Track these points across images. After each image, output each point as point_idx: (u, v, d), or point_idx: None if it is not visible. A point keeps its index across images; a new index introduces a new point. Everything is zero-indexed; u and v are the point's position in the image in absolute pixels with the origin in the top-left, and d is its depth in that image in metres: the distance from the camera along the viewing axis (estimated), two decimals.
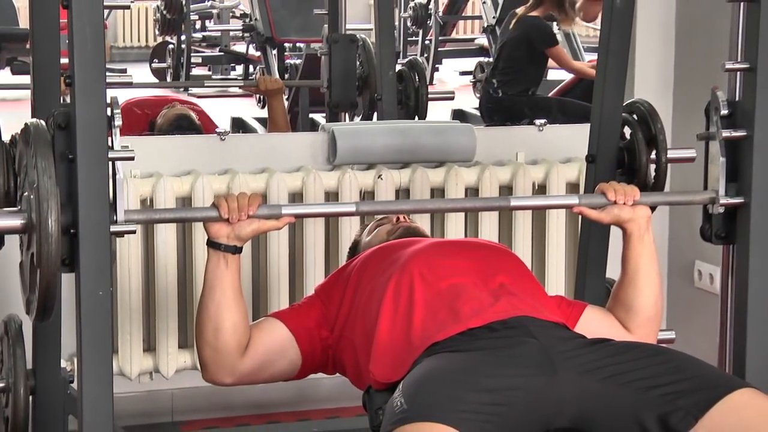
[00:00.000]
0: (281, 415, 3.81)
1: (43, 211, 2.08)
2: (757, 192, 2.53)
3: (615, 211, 2.55)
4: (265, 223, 2.42)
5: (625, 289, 2.60)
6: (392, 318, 2.41)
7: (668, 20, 3.97)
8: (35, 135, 2.15)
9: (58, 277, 2.14)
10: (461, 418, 2.06)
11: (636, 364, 2.24)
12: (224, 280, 2.43)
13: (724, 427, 2.12)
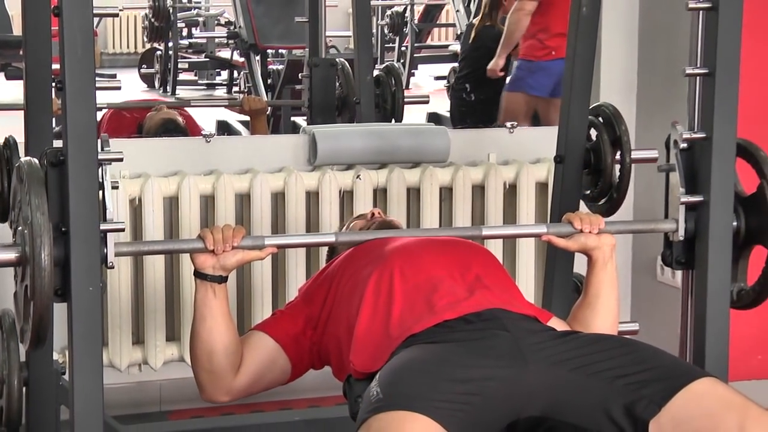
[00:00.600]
0: (264, 404, 3.79)
1: (37, 246, 2.08)
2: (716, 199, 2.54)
3: (581, 240, 2.56)
4: (248, 254, 2.44)
5: (584, 311, 2.61)
6: (372, 311, 2.41)
7: (632, 28, 3.98)
8: (29, 173, 2.15)
9: (51, 309, 2.15)
10: (435, 406, 2.05)
11: (602, 356, 2.24)
12: (214, 308, 2.44)
13: (686, 415, 2.12)
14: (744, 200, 2.57)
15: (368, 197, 3.77)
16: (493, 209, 3.86)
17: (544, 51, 5.58)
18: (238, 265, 2.44)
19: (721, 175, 2.52)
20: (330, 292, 2.55)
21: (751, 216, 2.56)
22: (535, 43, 5.60)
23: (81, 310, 2.17)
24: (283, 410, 3.62)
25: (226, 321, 2.45)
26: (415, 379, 2.13)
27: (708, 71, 2.52)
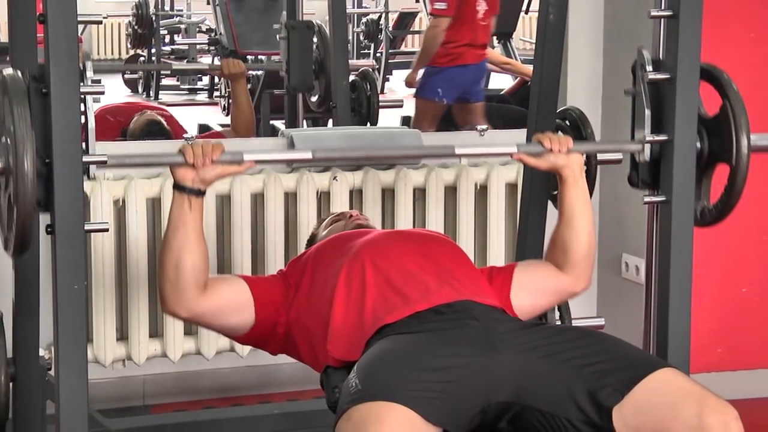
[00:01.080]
0: (245, 398, 3.80)
1: (19, 153, 2.05)
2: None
3: (551, 158, 2.54)
4: (227, 168, 2.39)
5: (562, 232, 2.60)
6: (346, 302, 2.41)
7: (597, 34, 3.99)
8: (11, 84, 2.12)
9: (33, 216, 2.12)
10: (411, 396, 2.06)
11: (569, 345, 2.26)
12: (187, 221, 2.39)
13: (648, 403, 2.14)
14: (707, 122, 2.54)
15: (344, 198, 3.77)
16: (465, 209, 3.87)
17: (448, 58, 5.65)
18: (216, 179, 2.39)
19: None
20: (304, 279, 2.54)
21: (714, 137, 2.53)
22: (440, 50, 5.64)
23: (66, 307, 2.16)
24: (263, 403, 3.62)
25: (197, 237, 2.40)
26: (391, 370, 2.14)
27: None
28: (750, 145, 2.47)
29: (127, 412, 3.62)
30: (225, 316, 2.51)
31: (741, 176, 2.48)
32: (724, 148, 2.51)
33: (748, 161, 2.46)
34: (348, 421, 2.04)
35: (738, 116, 2.47)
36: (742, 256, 3.84)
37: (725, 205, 2.54)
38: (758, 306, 3.87)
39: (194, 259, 2.41)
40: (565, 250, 2.60)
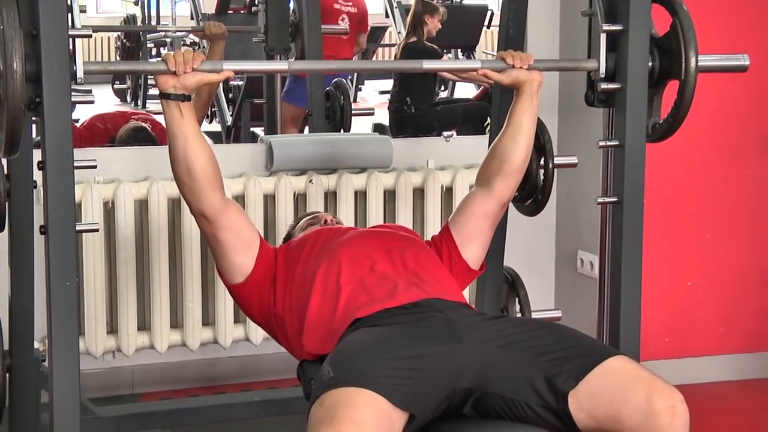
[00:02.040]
0: (227, 387, 3.80)
1: (8, 51, 2.01)
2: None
3: (513, 74, 2.54)
4: (206, 76, 2.35)
5: (505, 141, 2.59)
6: (321, 300, 2.41)
7: (553, 48, 4.01)
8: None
9: (22, 115, 2.08)
10: (380, 382, 2.06)
11: (528, 335, 2.26)
12: (183, 126, 2.36)
13: (601, 388, 2.15)
14: (658, 40, 2.53)
15: (320, 199, 3.77)
16: (432, 210, 3.88)
17: None
18: (197, 85, 2.35)
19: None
20: (288, 266, 2.53)
21: (664, 54, 2.52)
22: None
23: (59, 303, 2.16)
24: (244, 391, 3.62)
25: (197, 139, 2.38)
26: (362, 359, 2.14)
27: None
28: (698, 62, 2.45)
29: (117, 400, 3.61)
30: (235, 241, 2.48)
31: (689, 91, 2.47)
32: (673, 65, 2.50)
33: (696, 79, 2.45)
34: (321, 405, 2.04)
35: (687, 34, 2.45)
36: (687, 253, 3.87)
37: (675, 118, 2.53)
38: (702, 298, 3.90)
39: (201, 160, 2.38)
40: (502, 160, 2.59)
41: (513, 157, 2.59)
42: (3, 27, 2.03)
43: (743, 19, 3.79)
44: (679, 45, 2.46)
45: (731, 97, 3.80)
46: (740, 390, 3.84)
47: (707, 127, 3.77)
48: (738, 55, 2.62)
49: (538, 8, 3.84)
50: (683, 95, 2.48)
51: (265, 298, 2.52)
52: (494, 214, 2.64)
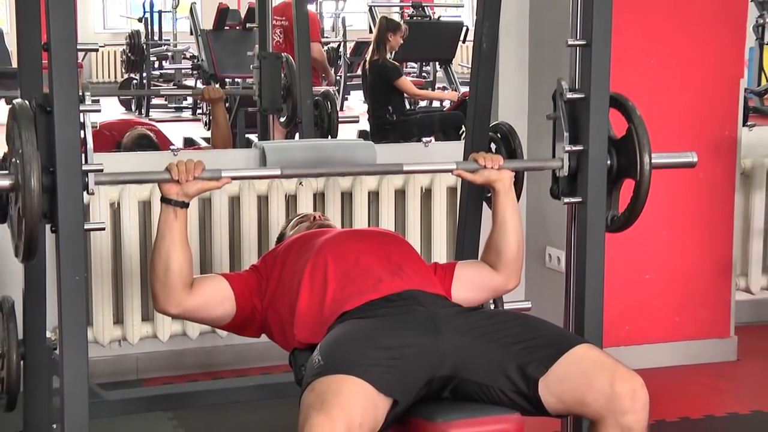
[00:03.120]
0: (224, 372, 3.79)
1: (27, 171, 2.03)
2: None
3: (485, 173, 2.54)
4: (207, 183, 2.37)
5: (496, 236, 2.60)
6: (309, 293, 2.41)
7: (523, 60, 4.01)
8: (20, 111, 2.09)
9: (39, 227, 2.09)
10: (366, 370, 2.06)
11: (501, 326, 2.26)
12: (173, 229, 2.37)
13: (568, 373, 2.15)
14: (616, 142, 2.55)
15: (309, 201, 3.77)
16: (412, 210, 3.87)
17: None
18: (198, 193, 2.37)
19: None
20: (273, 274, 2.53)
21: (621, 155, 2.54)
22: None
23: (68, 295, 2.15)
24: (240, 377, 3.61)
25: (182, 243, 2.39)
26: (350, 349, 2.14)
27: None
28: (651, 163, 2.49)
29: (123, 385, 3.60)
30: (210, 309, 2.49)
31: (644, 190, 2.50)
32: (629, 165, 2.52)
33: (650, 177, 2.48)
34: (312, 391, 2.04)
35: (641, 138, 2.48)
36: (646, 248, 3.87)
37: (631, 213, 2.56)
38: (659, 290, 3.91)
39: (180, 261, 2.39)
40: (498, 253, 2.60)
41: (506, 249, 2.59)
42: (22, 149, 2.04)
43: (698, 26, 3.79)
44: (635, 148, 2.50)
45: (686, 107, 3.81)
46: (694, 373, 3.85)
47: (664, 133, 3.77)
48: (687, 153, 2.67)
49: (510, 24, 3.84)
50: (638, 194, 2.51)
51: (257, 318, 2.52)
52: (497, 293, 2.68)
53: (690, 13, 3.77)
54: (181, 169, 2.33)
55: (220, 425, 3.34)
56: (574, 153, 2.53)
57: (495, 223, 2.61)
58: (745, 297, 4.30)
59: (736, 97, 3.89)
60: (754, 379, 3.82)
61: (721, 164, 3.89)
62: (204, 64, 8.30)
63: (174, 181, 2.34)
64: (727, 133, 3.89)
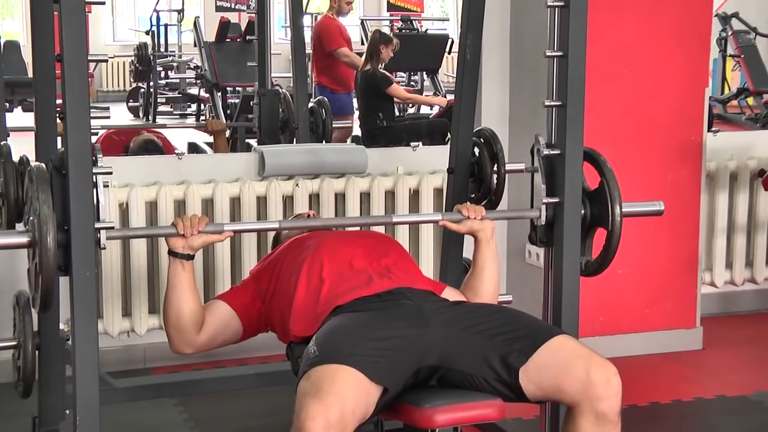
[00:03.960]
0: (226, 361, 3.78)
1: (44, 231, 2.05)
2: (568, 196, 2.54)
3: (468, 224, 2.54)
4: (210, 237, 2.39)
5: (474, 280, 2.61)
6: (306, 290, 2.40)
7: (504, 70, 4.01)
8: (38, 175, 2.11)
9: (55, 281, 2.11)
10: (358, 360, 2.05)
11: (484, 319, 2.26)
12: (182, 279, 2.40)
13: (546, 363, 2.15)
14: (589, 194, 2.57)
15: (305, 201, 3.76)
16: (401, 210, 3.87)
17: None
18: (202, 246, 2.40)
19: (571, 178, 2.52)
20: (274, 274, 2.53)
21: (595, 206, 2.56)
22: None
23: (80, 290, 2.14)
24: (241, 365, 3.60)
25: (191, 290, 2.41)
26: (343, 340, 2.13)
27: (561, 104, 2.55)
28: (622, 213, 2.52)
29: (131, 373, 3.59)
30: (220, 335, 2.51)
31: (615, 238, 2.53)
32: (602, 215, 2.55)
33: (621, 225, 2.51)
34: (308, 380, 2.03)
35: (613, 191, 2.51)
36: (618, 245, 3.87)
37: (604, 260, 2.58)
38: (630, 284, 3.91)
39: (191, 306, 2.42)
40: (474, 294, 2.60)
41: (481, 291, 2.59)
42: (39, 209, 2.06)
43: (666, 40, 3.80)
44: (606, 200, 2.52)
45: (655, 114, 3.81)
46: (663, 361, 3.86)
47: (635, 139, 3.79)
48: (654, 202, 2.71)
49: (492, 36, 3.84)
50: (611, 241, 2.53)
51: (262, 320, 2.53)
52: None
53: (659, 28, 3.78)
54: (186, 224, 2.36)
55: (223, 411, 3.33)
56: (551, 204, 2.55)
57: (474, 268, 2.61)
58: (710, 290, 4.31)
59: (702, 104, 3.90)
60: (718, 366, 3.83)
61: (687, 167, 3.90)
62: (207, 73, 8.28)
63: (180, 235, 2.35)
64: (693, 138, 3.90)
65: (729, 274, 4.33)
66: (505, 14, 3.97)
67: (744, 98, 9.91)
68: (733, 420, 3.33)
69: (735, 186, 4.29)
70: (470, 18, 2.98)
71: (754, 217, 4.35)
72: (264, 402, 3.34)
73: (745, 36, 10.23)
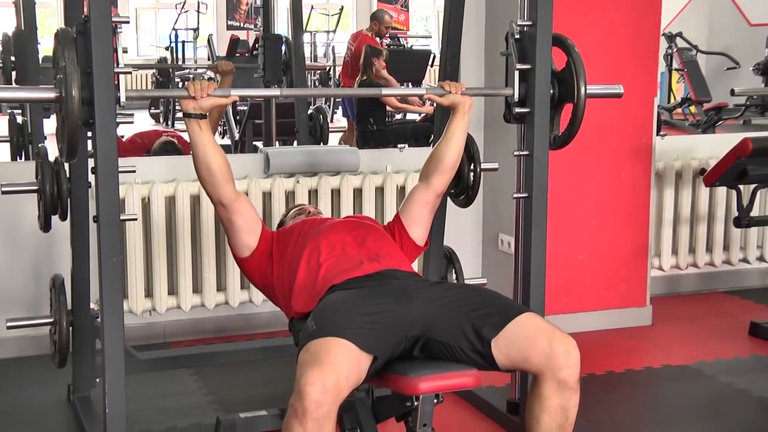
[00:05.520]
0: (235, 336, 3.79)
1: (68, 84, 2.02)
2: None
3: (450, 97, 2.55)
4: (218, 99, 2.34)
5: (442, 146, 2.59)
6: (306, 271, 2.40)
7: (479, 81, 4.00)
8: (62, 35, 2.07)
9: (79, 132, 2.07)
10: (351, 332, 2.05)
11: (461, 296, 2.26)
12: (202, 136, 2.34)
13: (515, 336, 2.15)
14: (557, 73, 2.57)
15: (305, 196, 3.76)
16: (390, 204, 3.87)
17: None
18: (211, 107, 2.34)
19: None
20: (281, 247, 2.50)
21: (562, 84, 2.56)
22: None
23: (108, 274, 2.14)
24: (248, 340, 3.61)
25: (214, 146, 2.36)
26: (337, 315, 2.13)
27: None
28: (587, 90, 2.50)
29: (153, 347, 3.59)
30: (244, 224, 2.44)
31: (580, 112, 2.51)
32: (568, 92, 2.53)
33: (585, 101, 2.49)
34: (307, 351, 2.03)
35: (578, 70, 2.50)
36: (579, 235, 3.89)
37: (570, 132, 2.56)
38: (589, 268, 3.93)
39: (218, 160, 2.36)
40: (438, 160, 2.58)
41: (446, 158, 2.58)
42: (65, 64, 2.00)
43: (621, 56, 3.81)
44: (573, 77, 2.50)
45: (612, 120, 3.82)
46: (617, 336, 3.87)
47: (594, 141, 3.79)
48: (615, 86, 2.69)
49: (469, 51, 3.84)
50: (576, 114, 2.51)
51: (264, 269, 2.50)
52: (432, 202, 2.61)
53: (616, 45, 3.79)
54: (197, 87, 2.32)
55: (232, 379, 3.33)
56: (523, 83, 2.52)
57: (445, 135, 2.59)
58: (658, 274, 4.32)
59: (651, 112, 3.91)
60: (664, 339, 3.85)
61: (639, 166, 3.91)
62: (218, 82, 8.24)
63: (191, 97, 2.32)
64: (644, 141, 3.91)
65: (674, 259, 4.34)
66: (480, 33, 3.97)
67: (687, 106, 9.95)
68: (677, 386, 3.34)
69: (680, 183, 4.30)
70: (450, 36, 2.98)
71: (696, 210, 4.37)
72: (268, 371, 3.34)
73: (688, 53, 10.30)
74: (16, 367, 3.43)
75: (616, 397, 3.19)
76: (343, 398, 1.97)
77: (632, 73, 3.82)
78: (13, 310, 3.44)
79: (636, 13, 3.79)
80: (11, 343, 3.50)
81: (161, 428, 2.90)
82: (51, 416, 2.98)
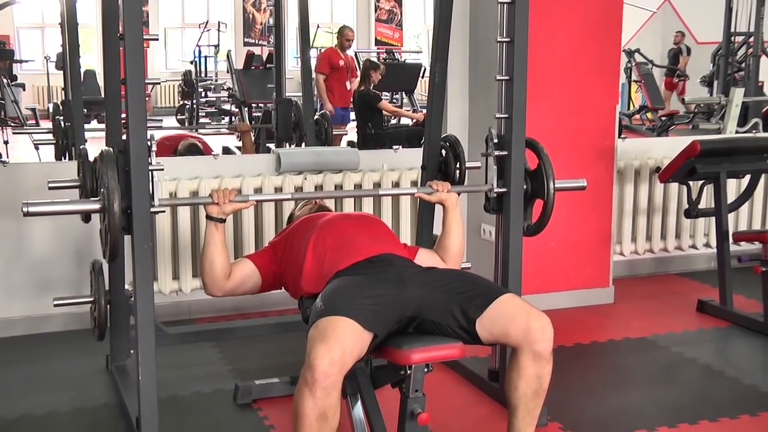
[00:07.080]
0: (251, 314, 3.78)
1: (111, 200, 2.07)
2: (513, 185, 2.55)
3: (437, 195, 2.56)
4: (238, 204, 2.39)
5: (444, 239, 2.60)
6: (313, 257, 2.39)
7: (464, 90, 4.00)
8: (106, 157, 2.12)
9: (120, 238, 2.12)
10: (354, 312, 2.04)
11: (450, 280, 2.25)
12: (216, 239, 2.38)
13: (497, 315, 2.15)
14: (530, 172, 2.58)
15: (312, 190, 3.73)
16: (386, 198, 3.85)
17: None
18: (233, 212, 2.39)
19: (516, 161, 2.54)
20: (288, 244, 2.51)
21: (534, 181, 2.57)
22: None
23: (140, 259, 2.13)
24: (263, 317, 3.60)
25: (222, 247, 2.39)
26: (342, 296, 2.12)
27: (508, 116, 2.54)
28: (555, 188, 2.54)
29: (179, 323, 3.57)
30: (243, 285, 2.49)
31: (549, 207, 2.55)
32: (539, 189, 2.56)
33: (554, 197, 2.54)
34: (316, 328, 2.02)
35: (548, 170, 2.54)
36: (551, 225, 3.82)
37: (540, 224, 2.60)
38: (560, 254, 3.92)
39: (221, 260, 2.40)
40: (445, 251, 2.59)
41: (451, 248, 2.58)
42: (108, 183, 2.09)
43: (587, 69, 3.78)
44: (543, 178, 2.55)
45: (579, 125, 3.81)
46: (584, 313, 3.87)
47: (564, 144, 3.78)
48: (579, 179, 2.74)
49: (455, 64, 3.82)
50: (546, 210, 2.56)
51: (276, 279, 2.51)
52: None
53: (582, 59, 3.77)
54: (220, 195, 2.36)
55: (249, 351, 3.32)
56: (501, 181, 2.55)
57: (444, 230, 2.60)
58: (620, 258, 4.32)
59: (613, 117, 3.89)
60: (625, 316, 3.84)
61: (603, 165, 3.90)
62: (237, 93, 8.26)
63: (215, 203, 2.36)
64: (607, 143, 3.90)
65: (634, 245, 4.34)
66: (464, 48, 3.95)
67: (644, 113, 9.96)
68: (636, 355, 3.34)
69: (638, 179, 4.30)
70: (438, 51, 2.96)
71: (652, 202, 4.36)
72: (281, 345, 3.33)
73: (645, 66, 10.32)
74: (62, 339, 3.43)
75: (583, 366, 3.19)
76: (348, 369, 1.96)
77: (596, 84, 3.81)
78: (59, 291, 3.44)
79: (600, 32, 3.78)
80: (58, 319, 3.50)
81: (187, 393, 2.89)
82: (92, 382, 2.98)
